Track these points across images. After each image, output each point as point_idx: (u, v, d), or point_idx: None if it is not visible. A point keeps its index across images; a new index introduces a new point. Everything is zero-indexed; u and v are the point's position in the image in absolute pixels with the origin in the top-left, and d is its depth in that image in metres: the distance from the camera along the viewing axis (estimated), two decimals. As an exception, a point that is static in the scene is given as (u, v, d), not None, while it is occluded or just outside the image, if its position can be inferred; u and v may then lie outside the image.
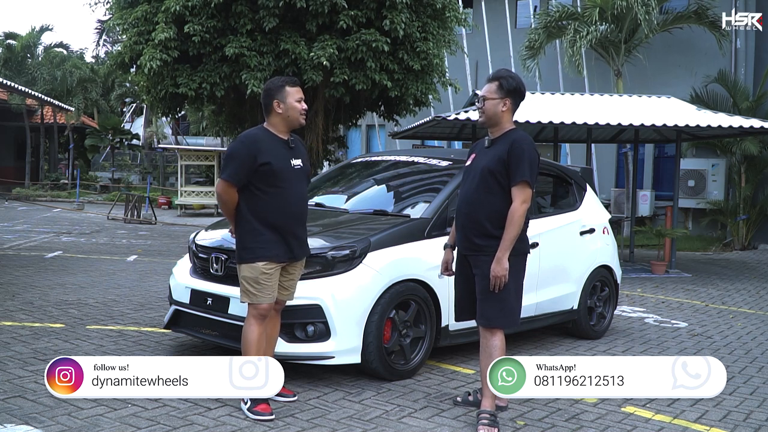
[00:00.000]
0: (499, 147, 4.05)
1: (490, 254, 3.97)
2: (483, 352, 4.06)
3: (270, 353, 4.23)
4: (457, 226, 4.24)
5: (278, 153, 4.07)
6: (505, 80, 4.05)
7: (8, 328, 5.80)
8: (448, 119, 10.35)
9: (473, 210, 4.06)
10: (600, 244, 6.52)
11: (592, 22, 14.34)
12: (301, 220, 4.19)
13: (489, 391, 3.90)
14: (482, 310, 4.04)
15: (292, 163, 4.12)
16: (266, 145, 4.04)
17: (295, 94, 4.11)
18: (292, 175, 4.10)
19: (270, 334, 4.25)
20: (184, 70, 11.72)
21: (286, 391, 4.28)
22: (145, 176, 28.90)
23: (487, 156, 4.09)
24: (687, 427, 4.19)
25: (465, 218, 4.12)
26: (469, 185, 4.14)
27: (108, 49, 31.59)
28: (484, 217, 4.02)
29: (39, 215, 18.80)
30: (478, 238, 4.04)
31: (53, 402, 4.03)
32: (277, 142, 4.10)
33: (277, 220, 4.06)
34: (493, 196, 4.01)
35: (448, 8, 12.21)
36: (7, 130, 29.48)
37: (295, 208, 4.13)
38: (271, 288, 4.08)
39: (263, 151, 4.01)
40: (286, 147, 4.13)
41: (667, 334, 6.80)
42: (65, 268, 9.40)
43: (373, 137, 23.41)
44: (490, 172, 4.01)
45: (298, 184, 4.15)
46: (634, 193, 13.26)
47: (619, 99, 12.16)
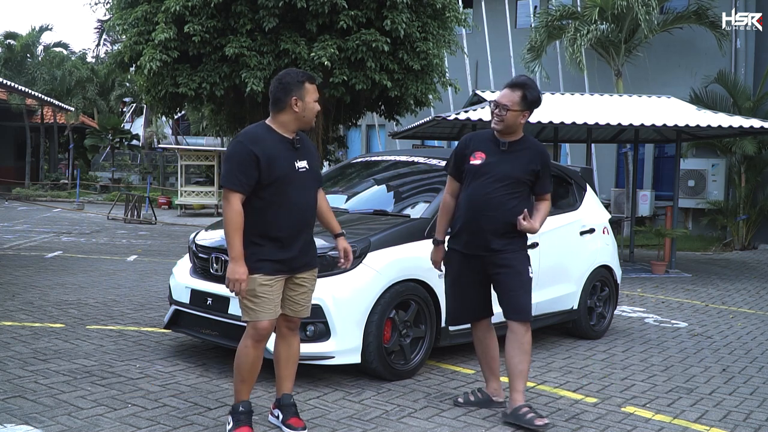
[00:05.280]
0: (522, 154, 4.05)
1: (516, 249, 4.02)
2: (516, 348, 4.01)
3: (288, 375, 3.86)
4: (464, 228, 4.11)
5: (281, 154, 3.56)
6: (529, 92, 4.03)
7: (8, 328, 5.80)
8: (448, 119, 10.35)
9: (495, 213, 3.99)
10: (600, 244, 6.52)
11: (592, 21, 14.34)
12: (306, 230, 3.69)
13: (523, 386, 4.03)
14: (517, 305, 4.03)
15: (296, 165, 3.60)
16: (268, 145, 3.54)
17: (314, 93, 3.65)
18: (296, 179, 3.59)
19: (288, 355, 3.84)
20: (184, 70, 11.73)
21: (297, 423, 3.78)
22: (145, 176, 28.91)
23: (509, 161, 4.04)
24: (687, 427, 4.18)
25: (482, 221, 4.02)
26: (485, 187, 4.02)
27: (108, 49, 31.60)
28: (507, 221, 4.00)
29: (39, 215, 18.80)
30: (500, 239, 4.01)
31: (53, 402, 4.03)
32: (280, 142, 3.59)
33: (279, 231, 3.57)
34: (515, 200, 4.03)
35: (448, 8, 12.23)
36: (7, 130, 29.49)
37: (300, 216, 3.63)
38: (271, 302, 3.58)
39: (265, 152, 3.50)
40: (291, 147, 3.62)
41: (667, 334, 6.80)
42: (65, 268, 9.39)
43: (373, 137, 23.40)
44: (519, 180, 4.03)
45: (304, 190, 3.64)
46: (634, 193, 13.26)
47: (619, 99, 12.17)
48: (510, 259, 4.03)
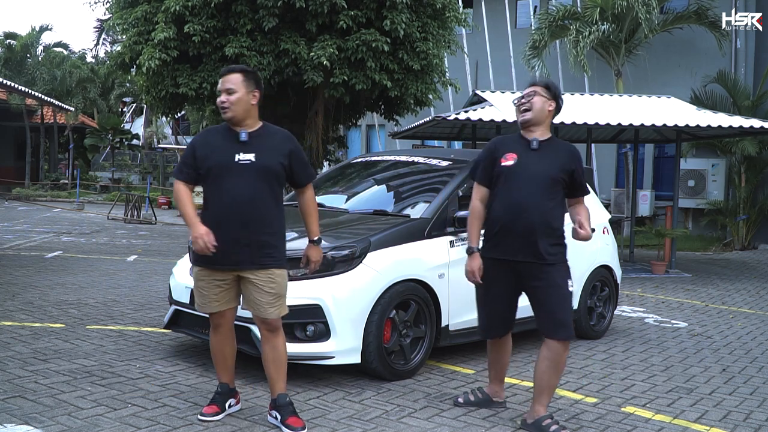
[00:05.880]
0: (553, 154, 3.94)
1: (560, 260, 3.90)
2: (551, 367, 3.87)
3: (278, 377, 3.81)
4: (502, 232, 3.90)
5: (221, 146, 3.66)
6: (553, 86, 4.00)
7: (8, 328, 5.80)
8: (448, 119, 10.36)
9: (536, 214, 3.85)
10: (600, 244, 6.51)
11: (593, 21, 14.35)
12: (242, 222, 3.60)
13: (548, 401, 3.96)
14: (558, 322, 3.84)
15: (236, 157, 3.61)
16: (212, 138, 3.72)
17: (220, 84, 3.71)
18: (234, 170, 3.61)
19: (274, 356, 3.79)
20: (184, 70, 11.73)
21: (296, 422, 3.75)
22: (145, 176, 28.90)
23: (543, 161, 3.91)
24: (687, 427, 4.18)
25: (533, 224, 3.84)
26: (527, 189, 3.86)
27: (108, 48, 31.61)
28: (548, 222, 3.88)
29: (39, 215, 18.80)
30: (551, 246, 3.88)
31: (53, 402, 4.03)
32: (225, 135, 3.70)
33: (212, 220, 3.62)
34: (553, 201, 3.92)
35: (448, 8, 12.24)
36: (7, 130, 29.49)
37: (236, 209, 3.60)
38: (206, 297, 3.72)
39: (206, 144, 3.70)
40: (235, 140, 3.66)
41: (667, 334, 6.80)
42: (65, 268, 9.39)
43: (373, 137, 23.40)
44: (556, 180, 3.91)
45: (241, 181, 3.61)
46: (634, 193, 13.26)
47: (619, 99, 12.17)
48: (551, 272, 3.86)
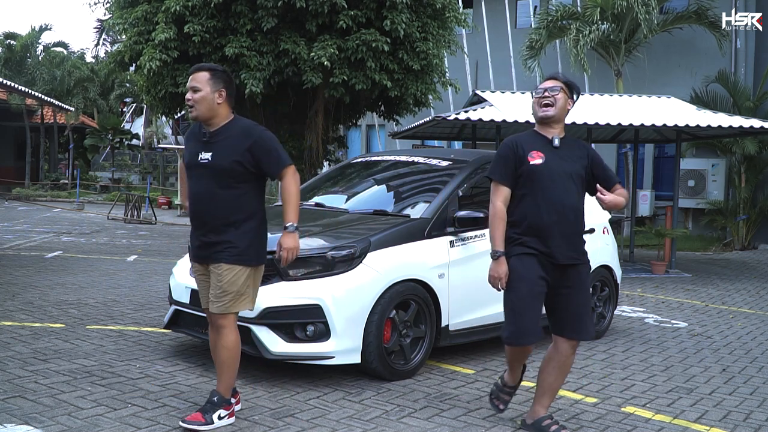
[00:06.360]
0: (573, 152, 3.89)
1: (586, 261, 3.90)
2: (558, 368, 3.89)
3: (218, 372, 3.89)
4: (553, 233, 3.76)
5: (191, 144, 3.86)
6: (574, 84, 3.95)
7: (8, 328, 5.80)
8: (448, 119, 10.35)
9: (579, 215, 3.85)
10: (600, 244, 6.51)
11: (593, 21, 14.34)
12: (202, 220, 3.78)
13: (549, 403, 3.97)
14: (585, 325, 3.85)
15: (199, 156, 3.76)
16: (190, 135, 3.90)
17: (188, 82, 3.82)
18: (196, 169, 3.78)
19: (213, 350, 3.91)
20: (184, 70, 11.72)
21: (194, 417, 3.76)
22: (145, 176, 28.91)
23: (567, 159, 3.85)
24: (687, 427, 4.18)
25: (574, 224, 3.82)
26: (560, 189, 3.79)
27: (108, 48, 31.59)
28: (581, 220, 3.89)
29: (39, 215, 18.80)
30: (583, 245, 3.89)
31: (53, 402, 4.03)
32: (197, 134, 3.85)
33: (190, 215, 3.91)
34: (582, 198, 3.90)
35: (448, 8, 12.23)
36: (7, 130, 29.48)
37: (198, 206, 3.79)
38: (200, 292, 3.97)
39: (186, 141, 3.93)
40: (200, 139, 3.81)
41: (667, 334, 6.80)
42: (65, 268, 9.39)
43: (373, 137, 23.40)
44: (582, 178, 3.89)
45: (201, 180, 3.76)
46: (634, 193, 13.26)
47: (619, 99, 12.16)
48: (581, 273, 3.83)
